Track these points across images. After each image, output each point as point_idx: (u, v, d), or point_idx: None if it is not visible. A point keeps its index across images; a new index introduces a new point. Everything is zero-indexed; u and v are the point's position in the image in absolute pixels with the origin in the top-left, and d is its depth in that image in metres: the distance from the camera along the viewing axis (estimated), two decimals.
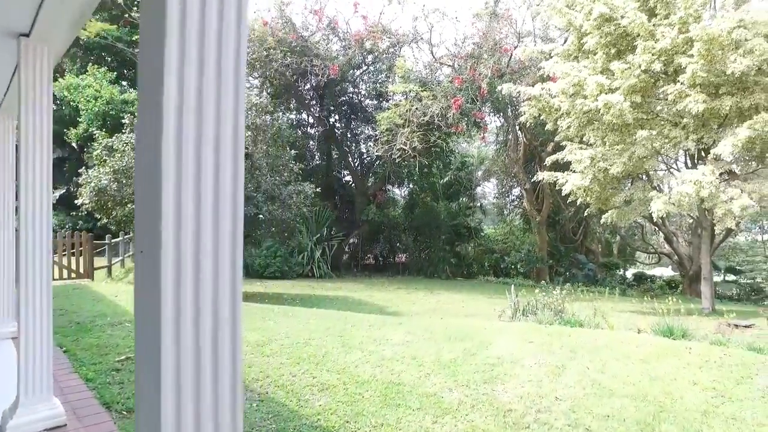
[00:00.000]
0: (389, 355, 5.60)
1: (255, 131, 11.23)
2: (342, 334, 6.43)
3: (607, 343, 6.41)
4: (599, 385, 4.96)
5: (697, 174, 11.58)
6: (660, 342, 6.61)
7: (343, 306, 12.31)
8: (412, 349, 5.82)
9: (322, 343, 5.98)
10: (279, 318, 7.35)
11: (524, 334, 6.74)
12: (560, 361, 5.63)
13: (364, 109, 21.24)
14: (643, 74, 12.39)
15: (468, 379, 4.95)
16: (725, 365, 5.72)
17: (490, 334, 6.75)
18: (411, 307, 12.85)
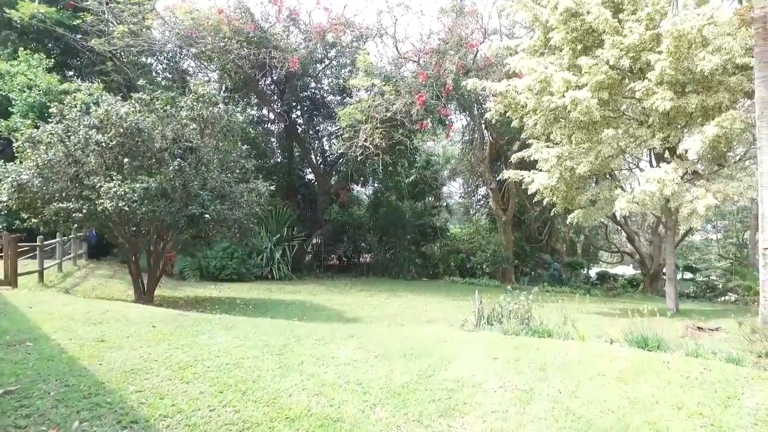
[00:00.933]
0: (331, 379, 4.74)
1: (202, 124, 10.20)
2: (282, 352, 5.54)
3: (579, 357, 5.70)
4: (574, 415, 4.21)
5: (660, 172, 11.11)
6: (635, 355, 5.94)
7: (299, 311, 11.41)
8: (360, 371, 4.97)
9: (256, 363, 5.08)
10: (216, 331, 6.40)
11: (488, 348, 5.98)
12: (528, 382, 4.88)
13: (327, 105, 20.30)
14: (611, 70, 11.85)
15: (421, 411, 4.13)
16: (707, 382, 5.07)
17: (450, 348, 5.97)
18: (371, 311, 12.02)
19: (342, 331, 7.14)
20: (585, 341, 6.89)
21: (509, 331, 7.10)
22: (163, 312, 7.64)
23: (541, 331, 7.10)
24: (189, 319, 7.13)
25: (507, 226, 23.76)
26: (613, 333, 7.88)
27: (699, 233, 29.71)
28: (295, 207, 21.56)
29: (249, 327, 6.82)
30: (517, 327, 7.29)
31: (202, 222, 9.85)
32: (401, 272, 23.22)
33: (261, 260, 18.16)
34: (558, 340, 6.72)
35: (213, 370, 4.83)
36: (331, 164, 22.82)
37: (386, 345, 6.04)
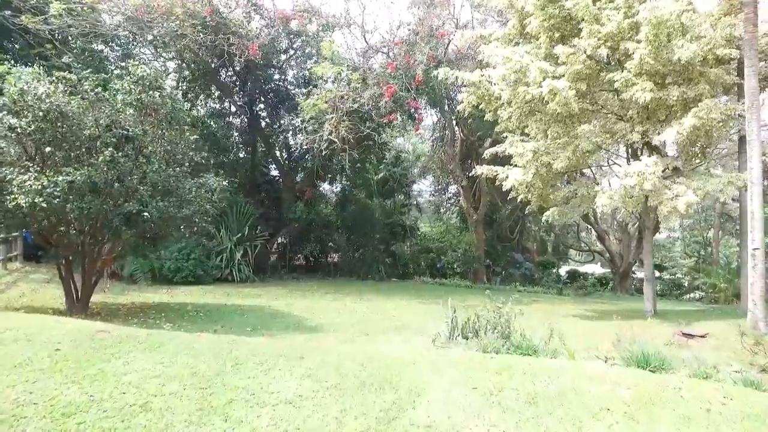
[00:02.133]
0: (263, 426, 3.57)
1: (140, 110, 8.84)
2: (209, 384, 4.36)
3: (574, 383, 4.69)
4: None
5: (640, 166, 10.28)
6: (639, 379, 4.96)
7: (255, 319, 10.17)
8: (304, 413, 3.84)
9: (171, 404, 3.89)
10: (137, 354, 5.17)
11: (466, 373, 4.92)
12: (519, 424, 3.82)
13: (292, 98, 18.97)
14: (589, 60, 10.98)
15: None
16: (734, 417, 4.11)
17: (420, 375, 4.88)
18: (334, 318, 10.85)
19: (293, 349, 5.96)
20: (575, 359, 5.89)
21: (488, 348, 6.05)
22: (81, 328, 6.32)
23: (524, 348, 6.07)
24: (109, 337, 5.85)
25: (478, 224, 22.89)
26: (603, 346, 6.95)
27: (664, 232, 29.46)
28: (259, 205, 20.18)
29: (181, 346, 5.59)
30: (497, 342, 6.24)
31: (141, 221, 8.51)
32: (370, 272, 22.09)
33: (220, 261, 16.76)
34: (545, 360, 5.71)
35: (110, 416, 3.62)
36: (297, 160, 21.50)
37: (343, 370, 4.91)
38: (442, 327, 9.65)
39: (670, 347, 8.53)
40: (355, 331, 9.38)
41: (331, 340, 8.47)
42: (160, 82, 9.01)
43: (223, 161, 19.72)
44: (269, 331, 8.95)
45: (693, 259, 25.46)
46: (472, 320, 7.32)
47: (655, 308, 12.45)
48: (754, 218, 8.47)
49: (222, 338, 6.40)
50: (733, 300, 22.40)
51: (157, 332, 6.47)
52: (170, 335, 6.37)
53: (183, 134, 9.93)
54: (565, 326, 10.58)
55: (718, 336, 8.76)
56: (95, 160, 8.10)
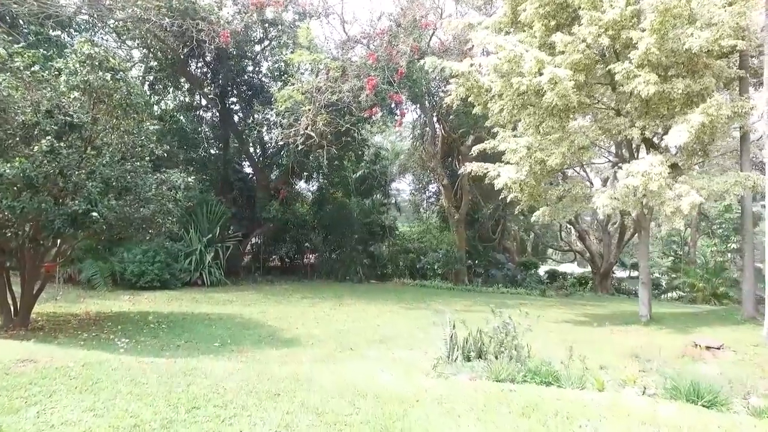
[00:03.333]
0: None
1: (89, 94, 7.51)
2: None
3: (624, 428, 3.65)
4: None
5: (644, 165, 9.41)
6: (697, 420, 3.96)
7: (224, 331, 8.94)
8: None
9: None
10: (62, 396, 3.94)
11: (483, 416, 3.85)
12: None
13: (267, 92, 17.67)
14: (588, 49, 10.06)
15: None
16: None
17: (427, 420, 3.79)
18: (312, 328, 9.67)
19: (266, 379, 4.80)
20: (607, 389, 4.87)
21: (501, 375, 4.99)
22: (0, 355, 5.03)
23: (543, 374, 5.03)
24: (32, 370, 4.59)
25: (460, 224, 21.94)
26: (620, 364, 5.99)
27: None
28: (231, 204, 18.83)
29: (123, 382, 4.38)
30: (510, 367, 5.18)
31: (90, 222, 7.19)
32: (348, 274, 20.97)
33: (189, 264, 15.39)
34: (572, 392, 4.68)
35: None
36: (271, 157, 20.19)
37: (329, 416, 3.78)
38: (435, 340, 8.65)
39: (683, 360, 7.67)
40: (337, 345, 8.24)
41: (309, 356, 7.32)
42: (113, 63, 7.67)
43: (193, 157, 18.30)
44: (240, 347, 7.75)
45: (670, 259, 25.09)
46: (474, 337, 6.25)
47: (650, 313, 11.65)
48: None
49: (179, 366, 5.19)
50: (711, 299, 22.12)
51: (97, 361, 5.21)
52: (112, 364, 5.12)
53: (142, 124, 8.59)
54: (563, 336, 9.68)
55: (734, 347, 7.92)
56: (31, 151, 6.76)
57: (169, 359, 5.96)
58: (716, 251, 23.25)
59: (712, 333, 9.74)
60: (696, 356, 7.75)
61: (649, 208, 10.89)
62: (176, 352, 7.07)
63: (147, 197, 8.48)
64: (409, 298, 15.69)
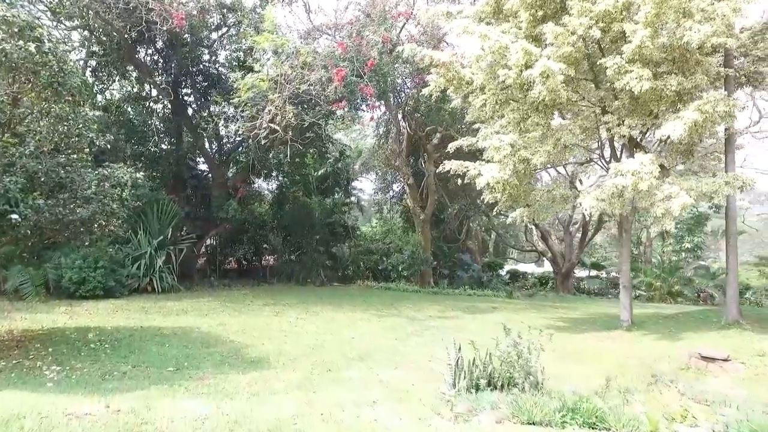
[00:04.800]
0: None
1: (6, 69, 6.04)
2: None
3: None
4: None
5: (634, 164, 8.81)
6: None
7: (179, 351, 7.65)
8: None
9: None
10: None
11: None
12: None
13: (225, 83, 16.19)
14: (579, 42, 9.35)
15: None
16: None
17: None
18: (281, 343, 8.49)
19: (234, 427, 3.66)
20: None
21: (534, 416, 4.04)
22: None
23: (584, 413, 4.11)
24: None
25: (425, 224, 21.12)
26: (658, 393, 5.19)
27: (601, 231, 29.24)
28: (184, 203, 17.25)
29: None
30: (542, 404, 4.23)
31: (9, 225, 5.76)
32: (309, 276, 19.75)
33: (138, 269, 13.77)
34: None
35: None
36: (229, 153, 18.66)
37: None
38: (418, 355, 7.70)
39: (690, 374, 7.03)
40: (312, 366, 7.12)
41: (283, 382, 6.19)
42: (39, 33, 6.23)
43: (143, 152, 16.56)
44: (199, 371, 6.51)
45: None
46: (483, 360, 5.29)
47: (631, 318, 11.14)
48: None
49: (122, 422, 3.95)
50: (667, 297, 22.31)
51: (2, 418, 3.89)
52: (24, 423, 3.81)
53: (79, 109, 7.15)
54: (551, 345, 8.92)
55: (739, 357, 7.35)
56: None
57: (111, 399, 4.70)
58: (671, 251, 23.52)
59: (701, 339, 9.26)
60: (702, 369, 7.13)
61: (633, 209, 10.36)
62: (121, 383, 5.76)
63: (86, 196, 7.10)
64: (378, 303, 14.69)
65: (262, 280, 19.00)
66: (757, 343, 8.38)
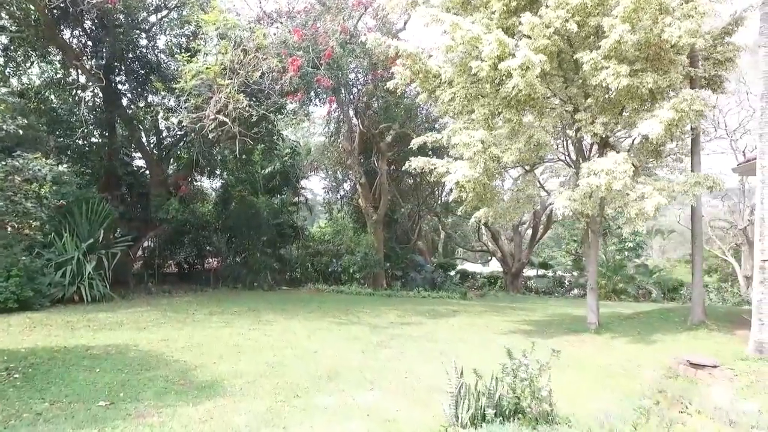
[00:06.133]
0: None
1: None
2: None
3: None
4: None
5: (608, 163, 8.39)
6: None
7: (114, 375, 6.39)
8: None
9: None
10: None
11: None
12: None
13: (165, 72, 14.59)
14: (555, 35, 8.81)
15: None
16: None
17: None
18: (235, 362, 7.33)
19: None
20: None
21: None
22: None
23: None
24: None
25: (378, 225, 20.27)
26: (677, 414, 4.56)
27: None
28: (119, 202, 15.45)
29: None
30: None
31: None
32: (257, 280, 18.42)
33: (62, 277, 11.99)
34: None
35: None
36: (169, 148, 16.97)
37: None
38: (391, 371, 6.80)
39: (681, 383, 6.57)
40: (276, 390, 6.06)
41: (244, 414, 5.14)
42: None
43: (69, 145, 14.59)
44: (138, 404, 5.31)
45: (572, 257, 25.58)
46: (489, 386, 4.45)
47: (598, 320, 10.81)
48: (764, 224, 6.82)
49: None
50: (611, 295, 22.70)
51: None
52: None
53: None
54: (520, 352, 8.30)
55: (723, 362, 6.98)
56: None
57: None
58: (615, 250, 23.99)
59: (674, 342, 8.99)
60: (691, 377, 6.70)
61: (602, 210, 10.00)
62: (33, 429, 4.47)
63: None
64: (333, 308, 13.68)
65: (206, 284, 17.43)
66: (730, 345, 8.17)
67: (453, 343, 9.39)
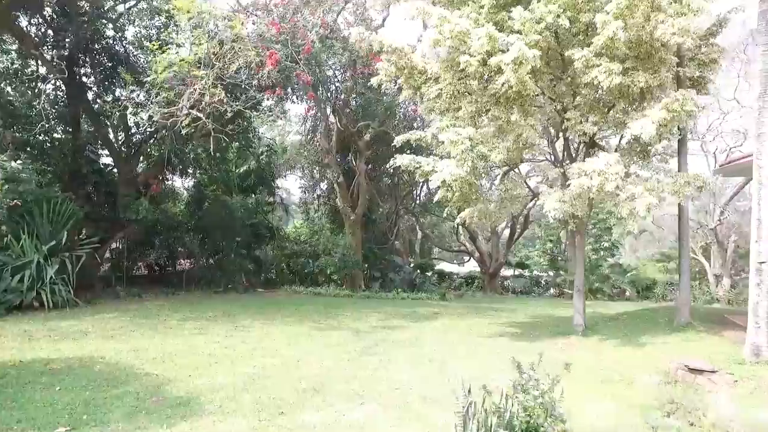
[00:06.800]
0: None
1: None
2: None
3: None
4: None
5: (600, 163, 8.14)
6: None
7: (77, 392, 5.79)
8: None
9: None
10: None
11: None
12: None
13: (134, 64, 13.79)
14: (547, 30, 8.53)
15: None
16: None
17: None
18: (212, 375, 6.75)
19: None
20: None
21: None
22: None
23: None
24: None
25: (356, 225, 19.79)
26: None
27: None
28: (84, 201, 14.52)
29: None
30: None
31: None
32: (231, 282, 17.74)
33: (20, 282, 11.11)
34: None
35: None
36: (139, 145, 16.10)
37: None
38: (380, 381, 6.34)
39: (678, 389, 6.34)
40: (258, 406, 5.54)
41: None
42: None
43: (29, 141, 13.62)
44: (104, 428, 4.74)
45: (548, 257, 25.61)
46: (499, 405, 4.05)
47: (585, 322, 10.59)
48: (761, 226, 6.65)
49: None
50: (588, 295, 22.75)
51: None
52: None
53: None
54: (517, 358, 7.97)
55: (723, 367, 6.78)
56: None
57: None
58: (590, 250, 24.07)
59: (664, 345, 8.79)
60: (690, 382, 6.47)
61: (590, 211, 9.79)
62: None
63: None
64: (312, 312, 13.16)
65: (178, 287, 16.65)
66: (722, 348, 7.99)
67: (440, 348, 9.01)
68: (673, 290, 22.25)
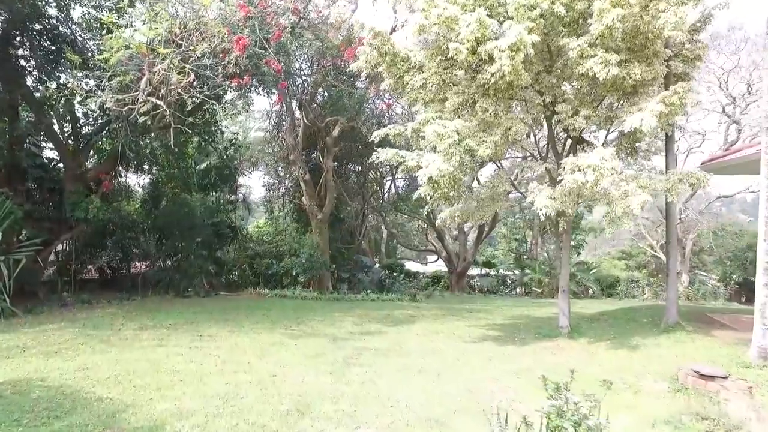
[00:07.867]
0: None
1: None
2: None
3: None
4: None
5: (594, 158, 7.68)
6: None
7: (9, 428, 4.69)
8: None
9: None
10: None
11: None
12: None
13: (81, 48, 12.40)
14: (540, 18, 7.99)
15: None
16: None
17: None
18: (177, 398, 5.79)
19: None
20: None
21: None
22: None
23: None
24: None
25: (323, 224, 18.86)
26: None
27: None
28: (24, 199, 12.99)
29: None
30: None
31: None
32: (191, 285, 16.47)
33: None
34: None
35: None
36: (89, 137, 14.61)
37: None
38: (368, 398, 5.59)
39: (692, 397, 5.91)
40: None
41: None
42: None
43: None
44: None
45: (514, 255, 25.53)
46: None
47: (570, 324, 10.18)
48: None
49: None
50: (554, 293, 22.72)
51: None
52: None
53: None
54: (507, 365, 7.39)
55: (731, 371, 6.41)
56: None
57: None
58: (557, 248, 24.07)
59: (657, 347, 8.46)
60: (701, 389, 6.06)
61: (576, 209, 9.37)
62: None
63: None
64: (281, 317, 12.22)
65: (133, 292, 15.27)
66: (720, 350, 7.71)
67: (426, 356, 8.33)
68: (635, 287, 22.56)
